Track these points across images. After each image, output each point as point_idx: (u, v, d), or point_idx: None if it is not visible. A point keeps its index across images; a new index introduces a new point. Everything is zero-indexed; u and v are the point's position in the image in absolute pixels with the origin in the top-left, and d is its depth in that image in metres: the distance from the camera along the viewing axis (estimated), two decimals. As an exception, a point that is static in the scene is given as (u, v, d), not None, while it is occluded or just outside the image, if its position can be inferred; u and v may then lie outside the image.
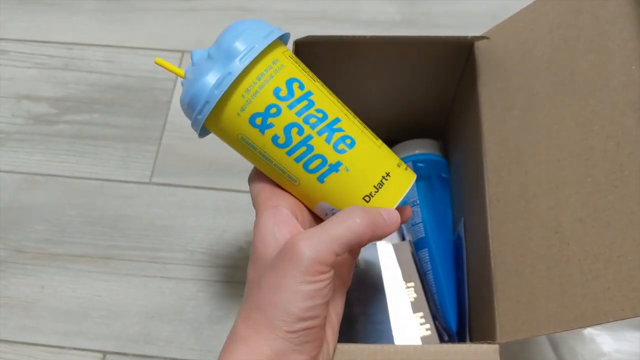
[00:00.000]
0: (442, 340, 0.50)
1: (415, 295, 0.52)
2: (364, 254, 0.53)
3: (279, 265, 0.31)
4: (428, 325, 0.51)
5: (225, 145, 0.70)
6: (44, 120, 0.69)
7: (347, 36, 0.46)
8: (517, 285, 0.37)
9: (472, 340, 0.44)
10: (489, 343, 0.36)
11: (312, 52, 0.49)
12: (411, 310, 0.51)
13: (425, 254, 0.52)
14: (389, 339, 0.49)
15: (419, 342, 0.50)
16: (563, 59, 0.40)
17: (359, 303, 0.51)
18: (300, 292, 0.30)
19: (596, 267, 0.33)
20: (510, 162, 0.40)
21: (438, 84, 0.53)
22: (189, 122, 0.68)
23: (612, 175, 0.34)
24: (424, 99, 0.55)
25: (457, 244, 0.51)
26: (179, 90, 0.71)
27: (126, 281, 0.60)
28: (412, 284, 0.52)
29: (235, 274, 0.60)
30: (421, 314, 0.51)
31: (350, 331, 0.50)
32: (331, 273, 0.31)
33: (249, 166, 0.66)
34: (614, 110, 0.35)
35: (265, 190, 0.35)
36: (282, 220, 0.33)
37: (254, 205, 0.36)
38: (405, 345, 0.37)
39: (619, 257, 0.32)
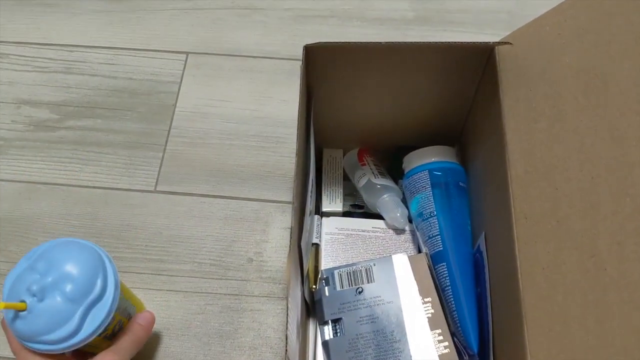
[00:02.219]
0: (462, 360, 0.48)
1: (432, 310, 0.49)
2: (379, 267, 0.51)
3: None
4: (447, 343, 0.48)
5: (233, 150, 0.69)
6: (45, 127, 0.67)
7: (360, 43, 0.43)
8: (549, 312, 0.35)
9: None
10: (519, 373, 0.34)
11: (323, 57, 0.47)
12: (428, 327, 0.49)
13: (443, 268, 0.49)
14: (407, 359, 0.47)
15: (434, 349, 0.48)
16: (594, 66, 0.37)
17: (374, 321, 0.49)
18: None
19: (638, 297, 0.30)
20: (539, 178, 0.38)
21: (455, 90, 0.50)
22: (194, 127, 0.66)
23: (654, 195, 0.31)
24: (440, 104, 0.52)
25: (477, 258, 0.49)
26: (184, 94, 0.68)
27: (132, 294, 0.58)
28: (429, 298, 0.50)
29: (245, 286, 0.58)
30: (439, 330, 0.49)
31: (365, 350, 0.48)
32: None
33: (258, 173, 0.64)
34: (654, 124, 0.32)
35: None
36: None
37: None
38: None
39: (664, 287, 0.29)
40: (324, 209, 0.57)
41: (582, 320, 0.33)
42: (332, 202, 0.57)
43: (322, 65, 0.48)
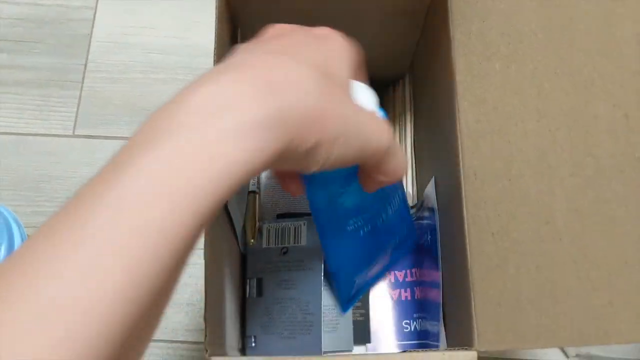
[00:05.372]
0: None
1: None
2: (310, 226, 0.46)
3: None
4: (363, 311, 0.45)
5: (159, 86, 0.62)
6: (-59, 64, 0.59)
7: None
8: (499, 286, 0.31)
9: (447, 338, 0.38)
10: (466, 349, 0.31)
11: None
12: None
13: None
14: (317, 332, 0.43)
15: (351, 326, 0.44)
16: (558, -5, 0.31)
17: (293, 287, 0.44)
18: None
19: (596, 275, 0.27)
20: (492, 129, 0.33)
21: (401, 21, 0.44)
22: (114, 59, 0.59)
23: (619, 156, 0.27)
24: (385, 34, 0.46)
25: (425, 204, 0.44)
26: (100, 21, 0.60)
27: (55, 252, 0.53)
28: None
29: (179, 238, 0.53)
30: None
31: (279, 317, 0.44)
32: None
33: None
34: (624, 70, 0.27)
35: None
36: None
37: None
38: (373, 355, 0.31)
39: (625, 265, 0.26)
40: (261, 152, 0.51)
41: (535, 298, 0.29)
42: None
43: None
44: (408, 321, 0.48)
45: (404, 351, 0.42)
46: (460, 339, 0.34)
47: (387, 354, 0.31)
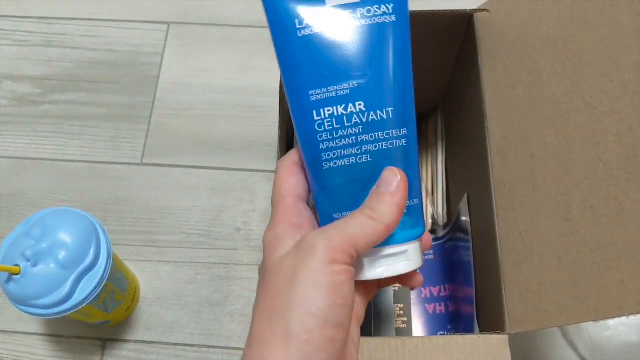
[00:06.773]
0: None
1: (399, 285, 0.51)
2: None
3: (292, 261, 0.28)
4: (405, 319, 0.50)
5: (217, 121, 0.69)
6: (28, 101, 0.67)
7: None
8: (526, 274, 0.36)
9: (480, 328, 0.43)
10: (498, 333, 0.35)
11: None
12: (392, 300, 0.50)
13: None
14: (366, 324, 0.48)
15: (394, 334, 0.49)
16: (570, 33, 0.37)
17: None
18: (318, 285, 0.27)
19: (609, 258, 0.32)
20: (516, 144, 0.39)
21: (435, 59, 0.50)
22: (178, 98, 0.66)
23: (625, 160, 0.32)
24: (420, 73, 0.53)
25: (462, 223, 0.50)
26: (167, 65, 0.68)
27: (123, 266, 0.59)
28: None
29: (233, 255, 0.59)
30: (401, 305, 0.50)
31: None
32: (350, 271, 0.28)
33: (243, 143, 0.64)
34: (626, 90, 0.33)
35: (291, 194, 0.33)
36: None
37: (273, 199, 0.33)
38: (414, 337, 0.36)
39: (633, 249, 0.31)
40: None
41: (557, 282, 0.34)
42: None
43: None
44: (443, 332, 0.53)
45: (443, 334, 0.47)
46: (493, 325, 0.38)
47: (429, 337, 0.36)
